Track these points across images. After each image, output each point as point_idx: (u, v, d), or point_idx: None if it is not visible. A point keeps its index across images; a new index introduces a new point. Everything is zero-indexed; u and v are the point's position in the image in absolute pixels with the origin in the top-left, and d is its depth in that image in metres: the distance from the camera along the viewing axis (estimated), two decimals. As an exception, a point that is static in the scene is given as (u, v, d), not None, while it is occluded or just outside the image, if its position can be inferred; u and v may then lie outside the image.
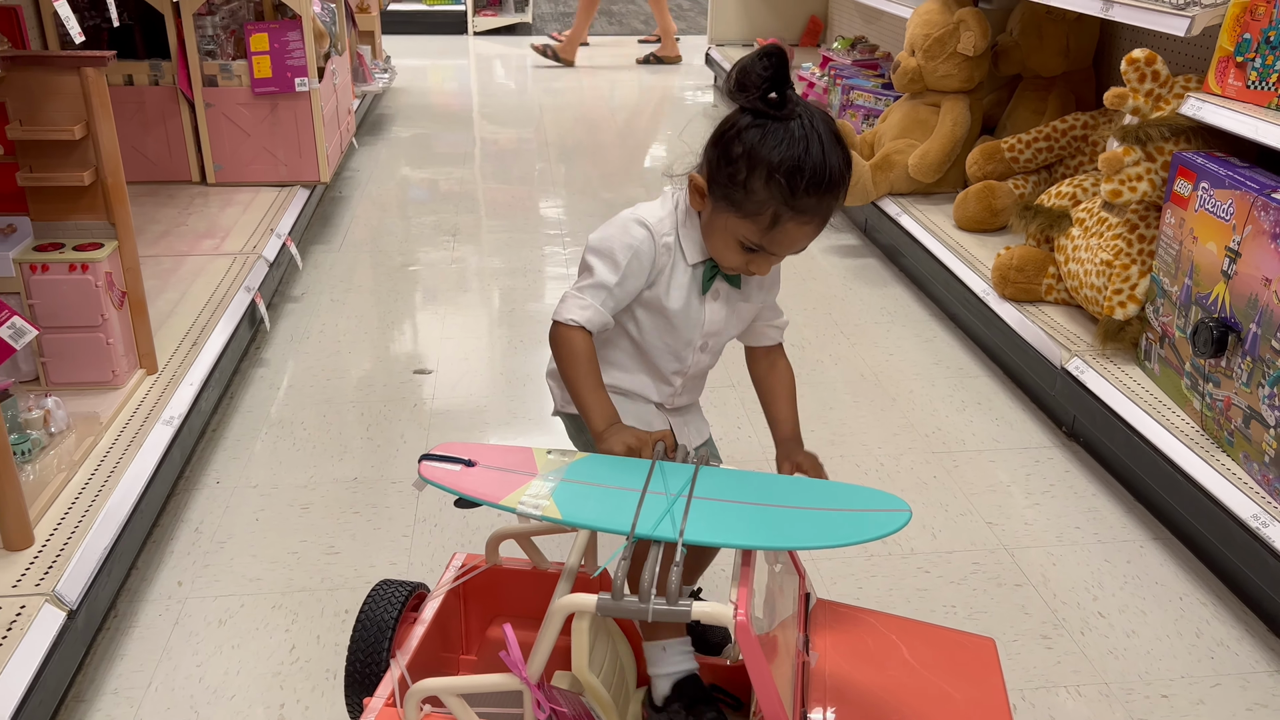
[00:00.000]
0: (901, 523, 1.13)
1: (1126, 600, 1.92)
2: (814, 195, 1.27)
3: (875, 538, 1.11)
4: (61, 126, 1.96)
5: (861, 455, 2.39)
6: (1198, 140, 2.19)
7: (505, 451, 1.27)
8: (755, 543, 1.11)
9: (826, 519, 1.14)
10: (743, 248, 1.33)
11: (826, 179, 1.27)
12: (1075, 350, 2.39)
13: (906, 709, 1.22)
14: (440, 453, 1.25)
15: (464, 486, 1.20)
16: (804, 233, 1.32)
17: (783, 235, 1.30)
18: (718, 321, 1.44)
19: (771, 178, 1.26)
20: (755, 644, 1.05)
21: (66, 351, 2.05)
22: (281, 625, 1.83)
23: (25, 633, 1.47)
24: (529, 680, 1.09)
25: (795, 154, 1.25)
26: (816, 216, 1.30)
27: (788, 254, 1.36)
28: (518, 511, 1.16)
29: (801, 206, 1.28)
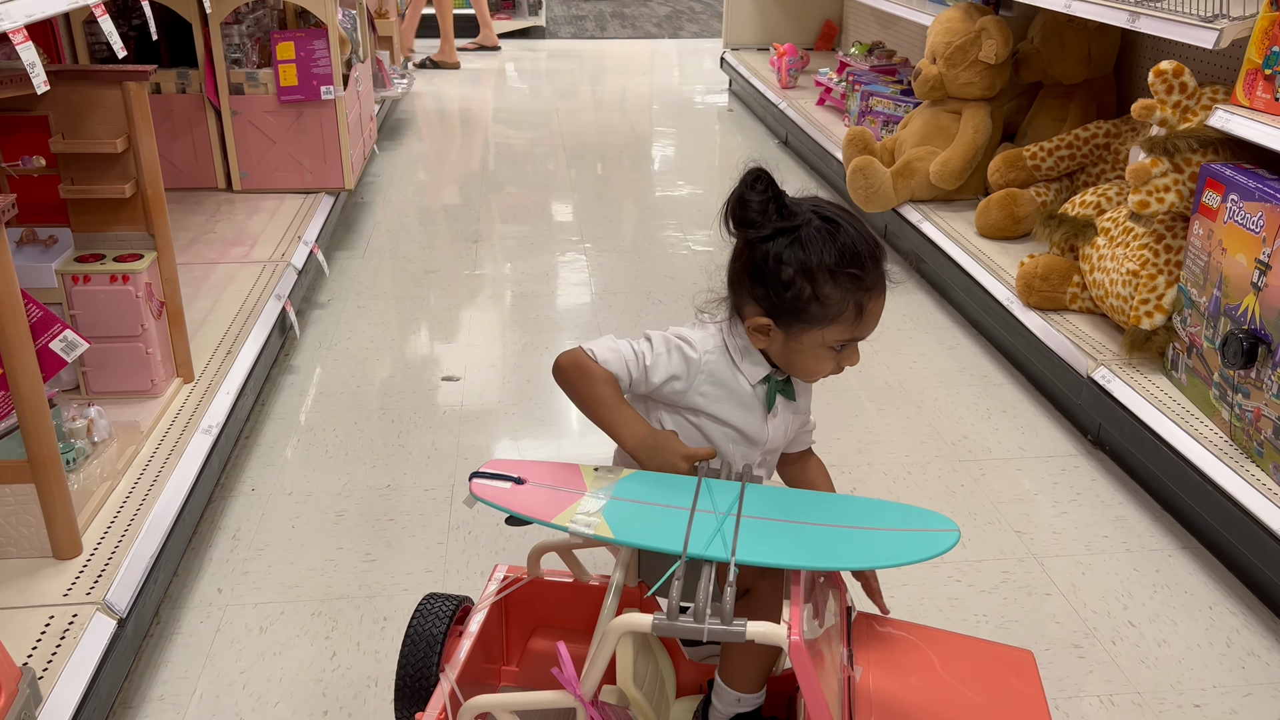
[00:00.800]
0: (951, 543, 1.15)
1: (1157, 609, 1.94)
2: (877, 267, 1.31)
3: (925, 558, 1.13)
4: (103, 139, 1.99)
5: (889, 464, 2.41)
6: (1225, 152, 2.20)
7: (553, 468, 1.29)
8: (807, 563, 1.13)
9: (877, 539, 1.16)
10: (835, 350, 1.34)
11: (876, 245, 1.31)
12: (1101, 359, 2.41)
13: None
14: (489, 470, 1.27)
15: (515, 504, 1.22)
16: (881, 303, 1.34)
17: (870, 318, 1.33)
18: (778, 438, 1.43)
19: (837, 277, 1.27)
20: (809, 664, 1.07)
21: (107, 361, 2.08)
22: (322, 633, 1.85)
23: (79, 641, 1.50)
24: (584, 699, 1.11)
25: (843, 245, 1.28)
26: (883, 285, 1.33)
27: (872, 330, 1.36)
28: (570, 530, 1.18)
29: (871, 283, 1.30)
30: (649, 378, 1.35)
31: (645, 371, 1.35)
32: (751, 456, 1.42)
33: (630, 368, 1.34)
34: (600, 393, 1.33)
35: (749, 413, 1.38)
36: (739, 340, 1.37)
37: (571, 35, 8.62)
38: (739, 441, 1.40)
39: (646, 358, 1.35)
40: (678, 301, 3.32)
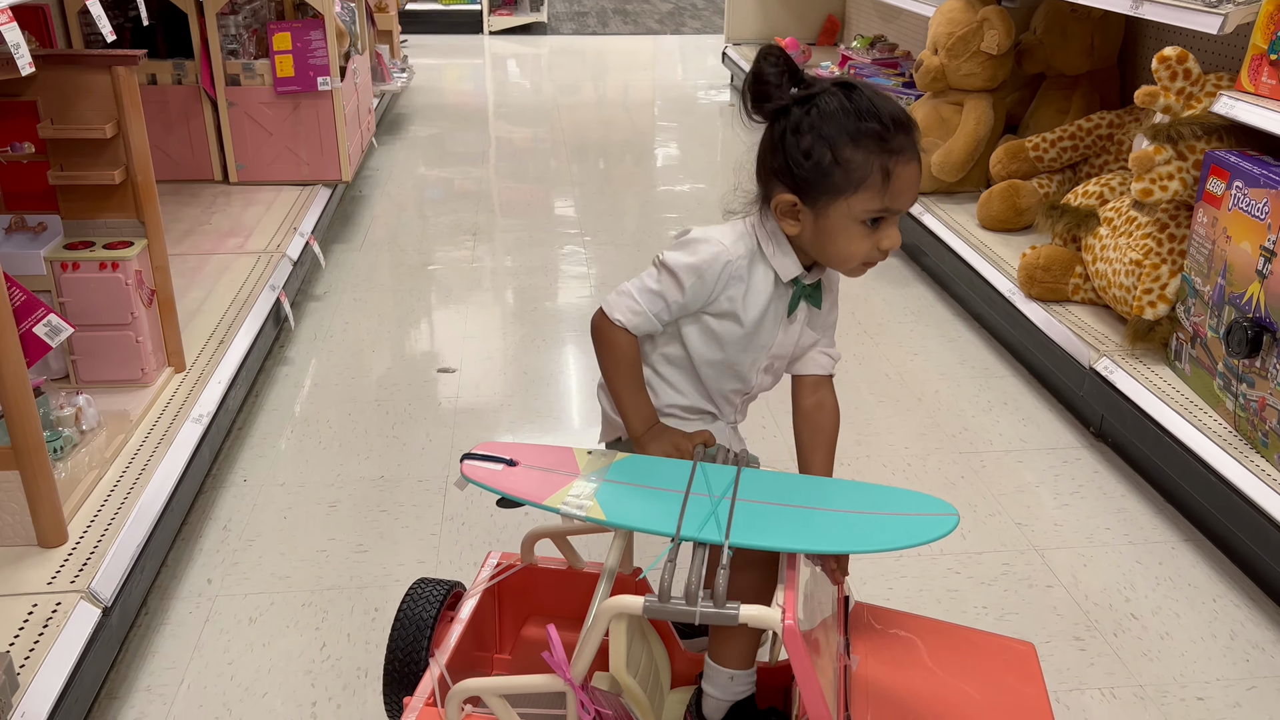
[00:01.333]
0: (950, 527, 1.12)
1: (1159, 602, 1.91)
2: (903, 131, 1.25)
3: (923, 542, 1.10)
4: (93, 125, 1.96)
5: (889, 455, 2.38)
6: (1230, 139, 2.17)
7: (546, 451, 1.27)
8: (802, 546, 1.11)
9: (873, 523, 1.13)
10: (868, 225, 1.28)
11: (901, 112, 1.26)
12: (1104, 350, 2.38)
13: (949, 715, 1.21)
14: (481, 452, 1.25)
15: (506, 486, 1.20)
16: (913, 171, 1.27)
17: (900, 184, 1.26)
18: (787, 344, 1.41)
19: (860, 138, 1.24)
20: (803, 649, 1.04)
21: (97, 349, 2.06)
22: (312, 623, 1.83)
23: (61, 629, 1.47)
24: (574, 682, 1.09)
25: (863, 107, 1.24)
26: (913, 151, 1.27)
27: (908, 205, 1.30)
28: (562, 512, 1.15)
29: (899, 147, 1.25)
30: (687, 311, 1.36)
31: (680, 309, 1.35)
32: (755, 361, 1.40)
33: (660, 318, 1.35)
34: (618, 371, 1.34)
35: (766, 313, 1.36)
36: (770, 232, 1.34)
37: (573, 31, 8.60)
38: (745, 343, 1.38)
39: (672, 298, 1.34)
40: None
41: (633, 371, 1.34)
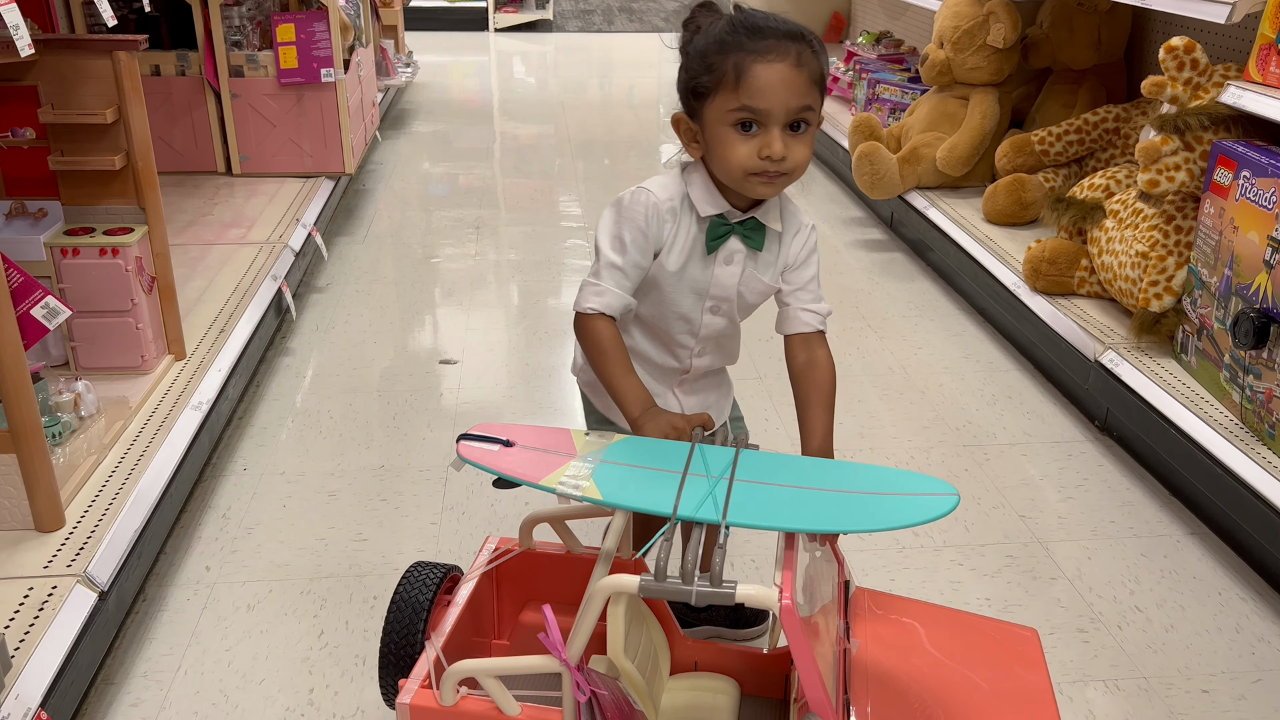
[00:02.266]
0: (950, 507, 1.11)
1: (1164, 595, 1.89)
2: (769, 36, 1.27)
3: (923, 521, 1.09)
4: (93, 110, 1.96)
5: (892, 448, 2.37)
6: (1237, 129, 2.15)
7: (543, 432, 1.26)
8: (800, 525, 1.09)
9: (872, 503, 1.12)
10: (740, 130, 1.28)
11: (773, 19, 1.29)
12: (1109, 343, 2.36)
13: (950, 700, 1.19)
14: (478, 433, 1.24)
15: (503, 466, 1.19)
16: (774, 71, 1.26)
17: (754, 81, 1.26)
18: (728, 285, 1.40)
19: (723, 41, 1.28)
20: (800, 628, 1.03)
21: (96, 336, 2.05)
22: (310, 611, 1.82)
23: (58, 612, 1.46)
24: (569, 663, 1.08)
25: (738, 19, 1.29)
26: (779, 54, 1.26)
27: (783, 103, 1.27)
28: (558, 492, 1.14)
29: (759, 48, 1.26)
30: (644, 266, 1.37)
31: (637, 268, 1.36)
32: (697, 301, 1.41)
33: (624, 287, 1.36)
34: (605, 359, 1.34)
35: (692, 251, 1.38)
36: (690, 171, 1.38)
37: (579, 29, 8.59)
38: (675, 281, 1.39)
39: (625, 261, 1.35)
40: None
41: (618, 356, 1.33)
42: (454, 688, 1.15)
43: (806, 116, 1.29)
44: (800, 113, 1.28)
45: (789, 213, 1.42)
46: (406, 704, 1.17)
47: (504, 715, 1.14)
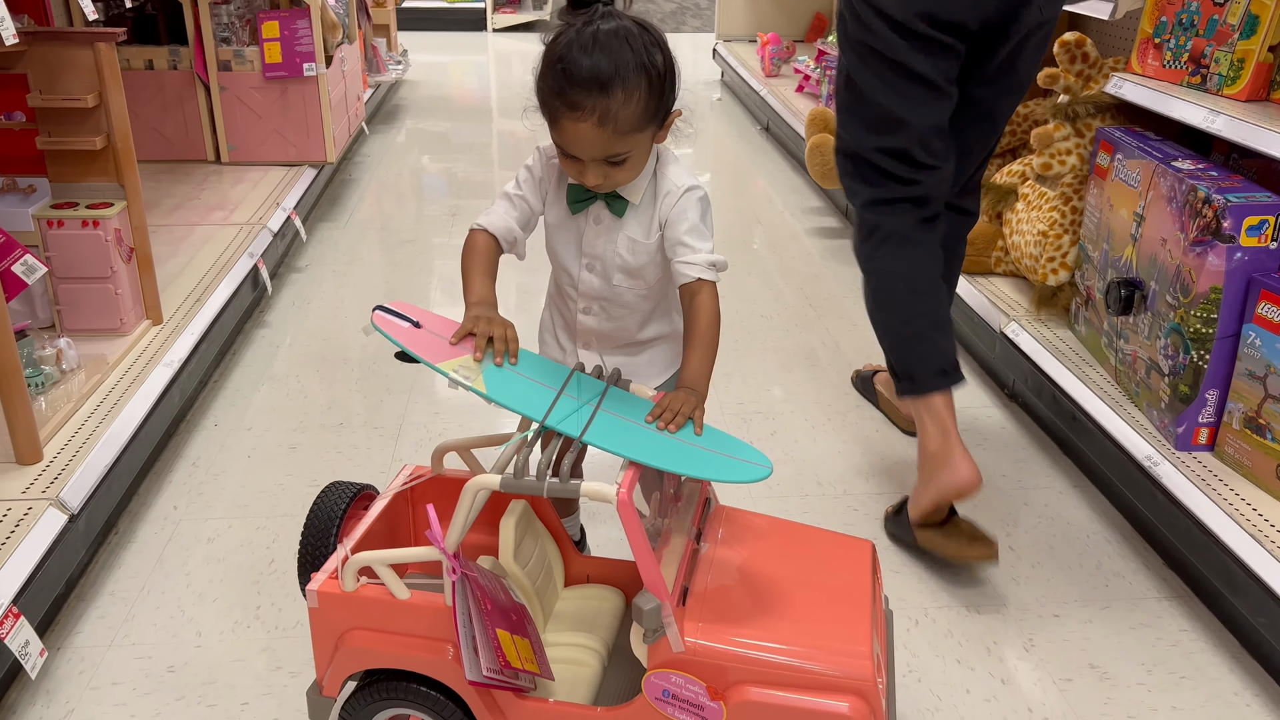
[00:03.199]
0: (759, 476, 1.28)
1: (1038, 537, 2.08)
2: (579, 89, 1.34)
3: (735, 480, 1.28)
4: (77, 95, 2.17)
5: (810, 411, 2.56)
6: (1121, 117, 2.34)
7: (451, 324, 1.45)
8: (638, 458, 1.28)
9: (702, 456, 1.31)
10: (566, 155, 1.43)
11: (584, 73, 1.33)
12: (1013, 316, 2.55)
13: (775, 592, 1.39)
14: (393, 308, 1.44)
15: (407, 341, 1.38)
16: (579, 131, 1.36)
17: (563, 133, 1.39)
18: (598, 244, 1.54)
19: (547, 71, 1.38)
20: (635, 517, 1.23)
21: (79, 300, 2.27)
22: (263, 543, 2.03)
23: (30, 530, 1.68)
24: (445, 549, 1.28)
25: (569, 46, 1.35)
26: (585, 113, 1.34)
27: (588, 155, 1.40)
28: (449, 377, 1.34)
29: (567, 101, 1.35)
30: (533, 205, 1.55)
31: (524, 203, 1.54)
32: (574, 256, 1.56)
33: (510, 215, 1.54)
34: (467, 258, 1.52)
35: (562, 208, 1.54)
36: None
37: (574, 30, 8.80)
38: (553, 234, 1.58)
39: (512, 191, 1.54)
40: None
41: (479, 262, 1.50)
42: (354, 576, 1.36)
43: (621, 157, 1.40)
44: (612, 157, 1.40)
45: (662, 178, 1.53)
46: (315, 590, 1.37)
47: (395, 599, 1.35)
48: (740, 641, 1.29)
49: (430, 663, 1.35)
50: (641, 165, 1.47)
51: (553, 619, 1.57)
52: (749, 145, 5.19)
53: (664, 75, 1.41)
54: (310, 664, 1.71)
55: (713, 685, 1.28)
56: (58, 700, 1.64)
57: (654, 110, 1.41)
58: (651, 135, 1.45)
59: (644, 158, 1.47)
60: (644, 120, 1.40)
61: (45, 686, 1.66)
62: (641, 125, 1.40)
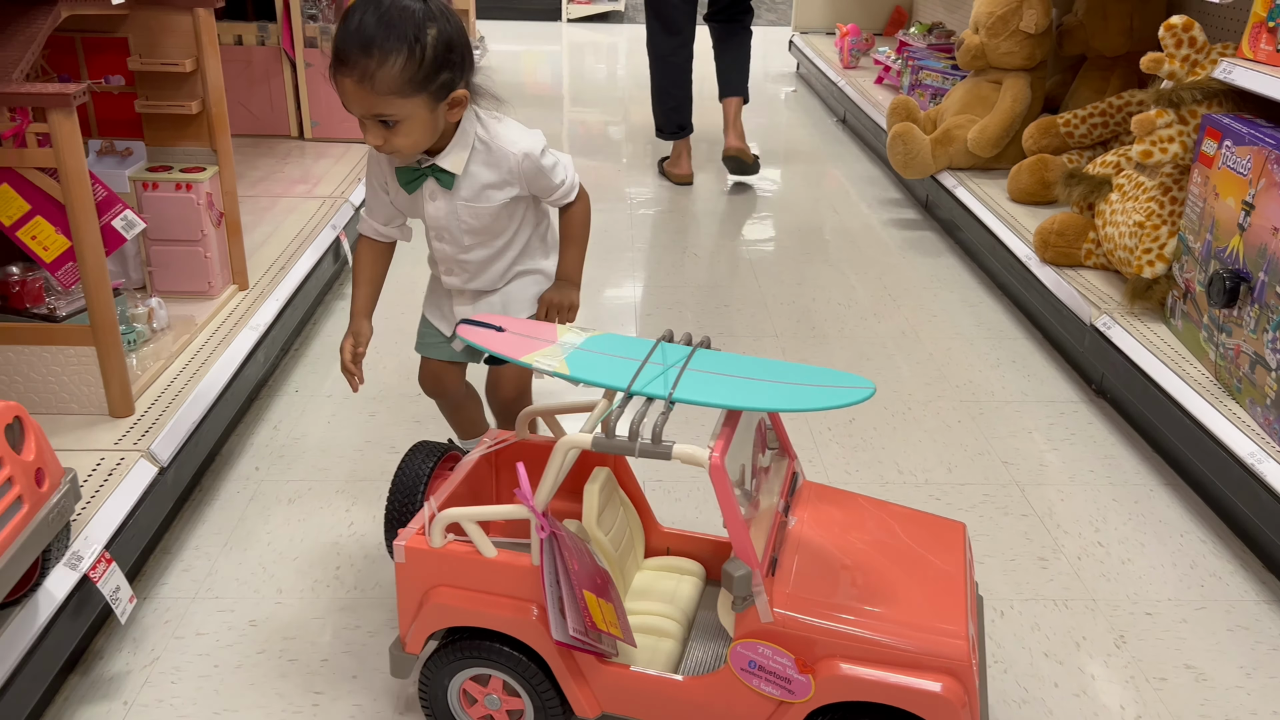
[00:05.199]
0: (864, 395, 1.25)
1: (1128, 534, 2.02)
2: (345, 45, 1.44)
3: (839, 405, 1.25)
4: (174, 60, 2.21)
5: (890, 399, 2.51)
6: (1229, 104, 2.26)
7: (531, 324, 1.46)
8: (734, 404, 1.26)
9: (798, 391, 1.28)
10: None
11: (350, 30, 1.44)
12: (1105, 308, 2.47)
13: (866, 570, 1.36)
14: (477, 319, 1.44)
15: (493, 345, 1.39)
16: (344, 86, 1.47)
17: (337, 86, 1.48)
18: (439, 217, 1.66)
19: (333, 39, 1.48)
20: (726, 480, 1.21)
21: (170, 262, 2.31)
22: (343, 507, 2.05)
23: (123, 479, 1.71)
24: (534, 507, 1.27)
25: (354, 9, 1.46)
26: (347, 68, 1.45)
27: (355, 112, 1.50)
28: (535, 367, 1.34)
29: (338, 54, 1.45)
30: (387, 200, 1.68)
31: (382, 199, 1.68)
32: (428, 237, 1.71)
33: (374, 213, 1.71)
34: (355, 275, 1.74)
35: (399, 190, 1.64)
36: None
37: (649, 21, 8.79)
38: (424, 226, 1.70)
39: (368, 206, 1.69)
40: (715, 252, 3.46)
41: (362, 277, 1.74)
42: (442, 532, 1.36)
43: (387, 118, 1.48)
44: (379, 116, 1.48)
45: (493, 147, 1.63)
46: (403, 545, 1.37)
47: (482, 556, 1.34)
48: (831, 615, 1.26)
49: (514, 622, 1.34)
50: (423, 135, 1.53)
51: (632, 590, 1.55)
52: (824, 137, 5.13)
53: (433, 50, 1.47)
54: (388, 625, 1.72)
55: (801, 658, 1.25)
56: (144, 648, 1.67)
57: (417, 80, 1.47)
58: (426, 107, 1.50)
59: (422, 128, 1.52)
60: (404, 87, 1.46)
61: (132, 634, 1.69)
62: (403, 91, 1.47)
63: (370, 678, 1.61)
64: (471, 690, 1.43)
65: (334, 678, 1.61)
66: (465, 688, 1.43)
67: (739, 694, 1.30)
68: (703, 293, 3.14)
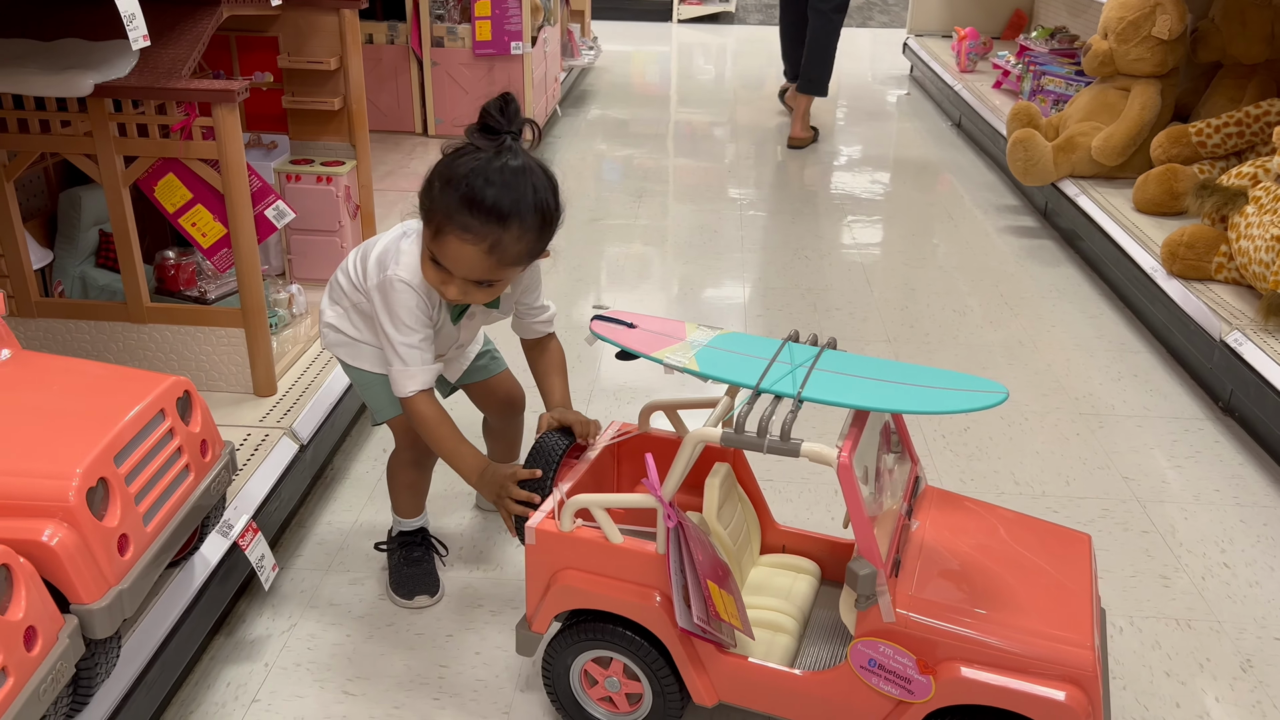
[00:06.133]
0: (997, 400, 1.26)
1: (1256, 556, 1.96)
2: (476, 214, 1.37)
3: (971, 409, 1.25)
4: (320, 58, 2.33)
5: (1007, 409, 2.48)
6: (1381, 115, 2.17)
7: (662, 321, 1.50)
8: (863, 404, 1.28)
9: (930, 393, 1.30)
10: (434, 263, 1.45)
11: (487, 202, 1.37)
12: (1236, 324, 2.40)
13: (990, 578, 1.36)
14: (609, 315, 1.49)
15: (625, 341, 1.44)
16: (465, 252, 1.40)
17: (446, 247, 1.41)
18: (472, 331, 1.70)
19: (446, 187, 1.40)
20: (854, 480, 1.23)
21: (309, 251, 2.43)
22: (467, 491, 2.12)
23: (268, 454, 1.81)
24: (661, 496, 1.31)
25: (475, 173, 1.38)
26: (476, 237, 1.39)
27: (464, 275, 1.44)
28: (665, 362, 1.38)
29: (463, 222, 1.38)
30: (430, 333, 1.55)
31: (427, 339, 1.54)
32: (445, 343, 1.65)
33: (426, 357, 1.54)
34: (437, 434, 1.55)
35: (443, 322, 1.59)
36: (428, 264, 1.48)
37: (760, 22, 8.78)
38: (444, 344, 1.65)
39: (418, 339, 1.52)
40: (825, 255, 3.46)
41: (448, 429, 1.55)
42: (571, 517, 1.41)
43: (490, 281, 1.46)
44: (482, 279, 1.45)
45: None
46: (534, 528, 1.43)
47: (609, 542, 1.39)
48: (955, 618, 1.27)
49: (638, 608, 1.38)
50: (495, 294, 1.52)
51: (748, 585, 1.58)
52: (938, 141, 5.06)
53: (554, 218, 1.47)
54: (511, 606, 1.79)
55: (923, 659, 1.27)
56: (282, 614, 1.77)
57: (538, 250, 1.49)
58: (516, 274, 1.52)
59: (503, 287, 1.52)
60: (527, 258, 1.48)
61: (271, 600, 1.80)
62: (523, 262, 1.48)
63: (493, 655, 1.68)
64: (593, 671, 1.48)
65: (458, 653, 1.69)
66: (587, 669, 1.48)
67: (857, 691, 1.32)
68: (813, 295, 3.15)
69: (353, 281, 1.62)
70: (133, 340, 1.96)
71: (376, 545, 1.88)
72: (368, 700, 1.60)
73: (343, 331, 1.67)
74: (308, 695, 1.60)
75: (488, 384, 1.88)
